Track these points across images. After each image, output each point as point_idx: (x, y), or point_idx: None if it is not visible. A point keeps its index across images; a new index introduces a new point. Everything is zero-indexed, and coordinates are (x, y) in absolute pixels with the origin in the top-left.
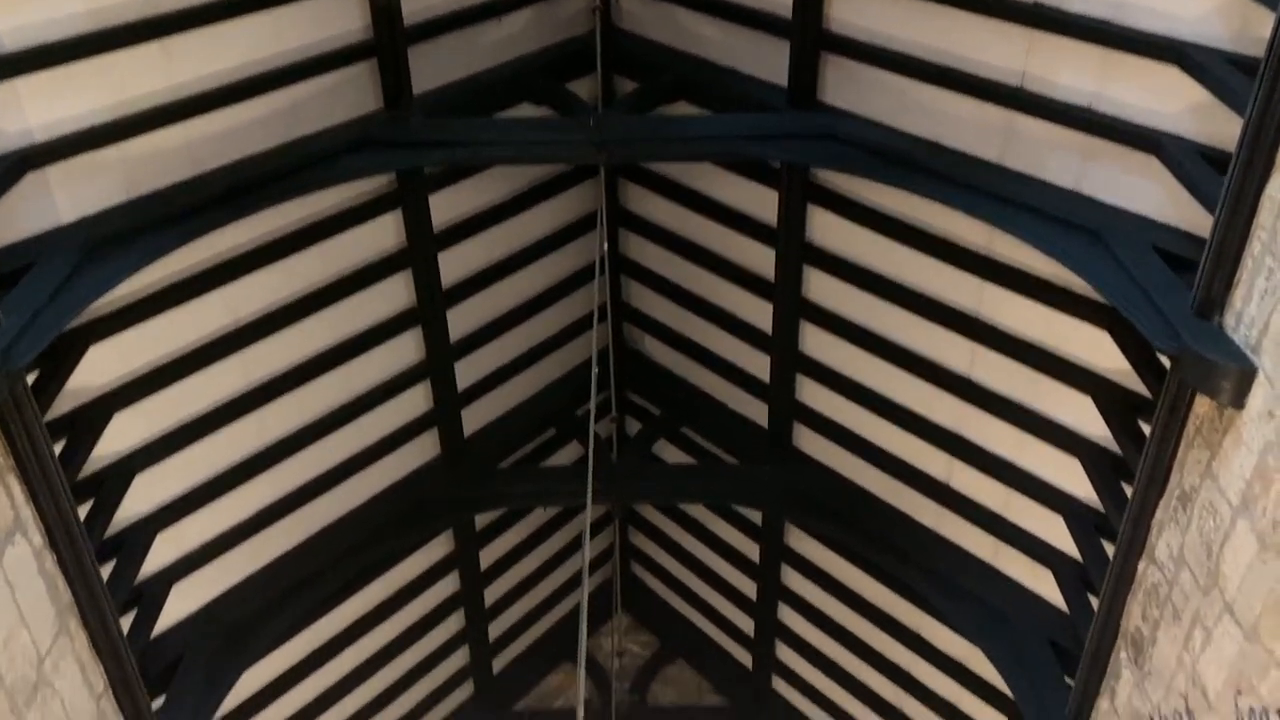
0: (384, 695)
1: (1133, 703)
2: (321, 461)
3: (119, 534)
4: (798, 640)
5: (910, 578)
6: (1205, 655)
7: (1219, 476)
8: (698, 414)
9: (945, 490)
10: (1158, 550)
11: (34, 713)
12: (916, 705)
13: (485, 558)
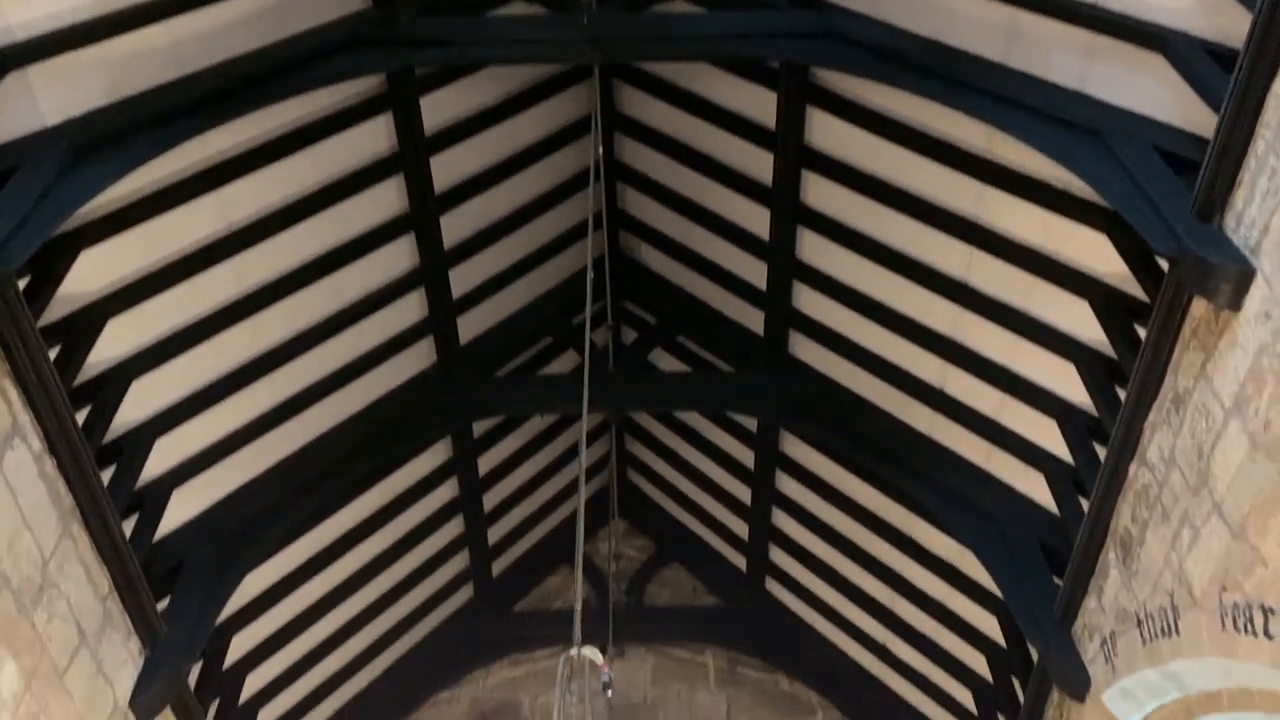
0: (385, 597)
1: (1119, 600)
2: (318, 368)
3: (118, 439)
4: (791, 543)
5: (903, 482)
6: (1192, 554)
7: (1213, 379)
8: (694, 322)
9: (939, 395)
10: (1149, 452)
11: (41, 613)
12: (907, 606)
13: (483, 464)
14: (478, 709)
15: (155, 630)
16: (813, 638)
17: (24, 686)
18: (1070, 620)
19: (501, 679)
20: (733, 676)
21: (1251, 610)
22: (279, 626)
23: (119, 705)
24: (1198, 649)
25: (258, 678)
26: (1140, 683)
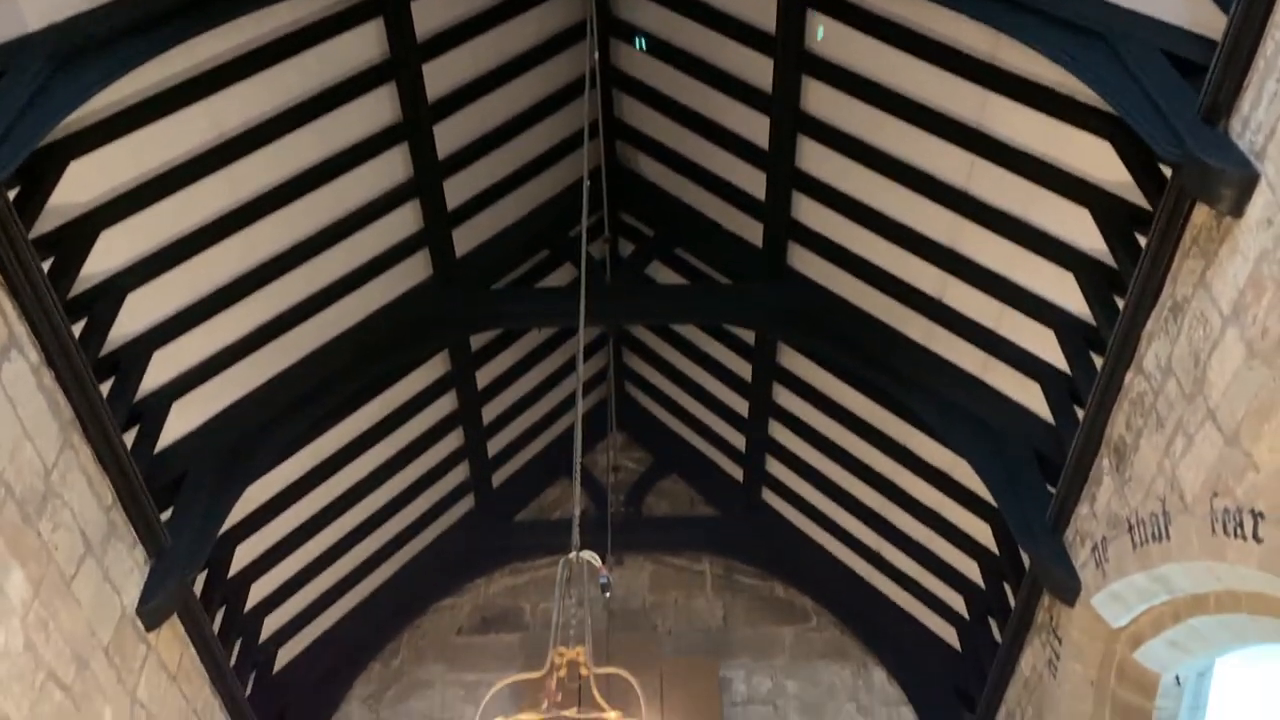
0: (387, 508)
1: (1111, 507)
2: (314, 281)
3: (115, 352)
4: (787, 454)
5: (899, 393)
6: (1185, 460)
7: (1212, 286)
8: (692, 234)
9: (938, 306)
10: (1146, 361)
11: (46, 522)
12: (901, 514)
13: (482, 377)
14: (480, 615)
15: (159, 540)
16: (808, 546)
17: (32, 594)
18: (1062, 527)
19: (503, 586)
20: (729, 583)
21: (1242, 515)
22: (282, 536)
23: (126, 612)
24: (1187, 553)
25: (262, 586)
26: (1129, 586)
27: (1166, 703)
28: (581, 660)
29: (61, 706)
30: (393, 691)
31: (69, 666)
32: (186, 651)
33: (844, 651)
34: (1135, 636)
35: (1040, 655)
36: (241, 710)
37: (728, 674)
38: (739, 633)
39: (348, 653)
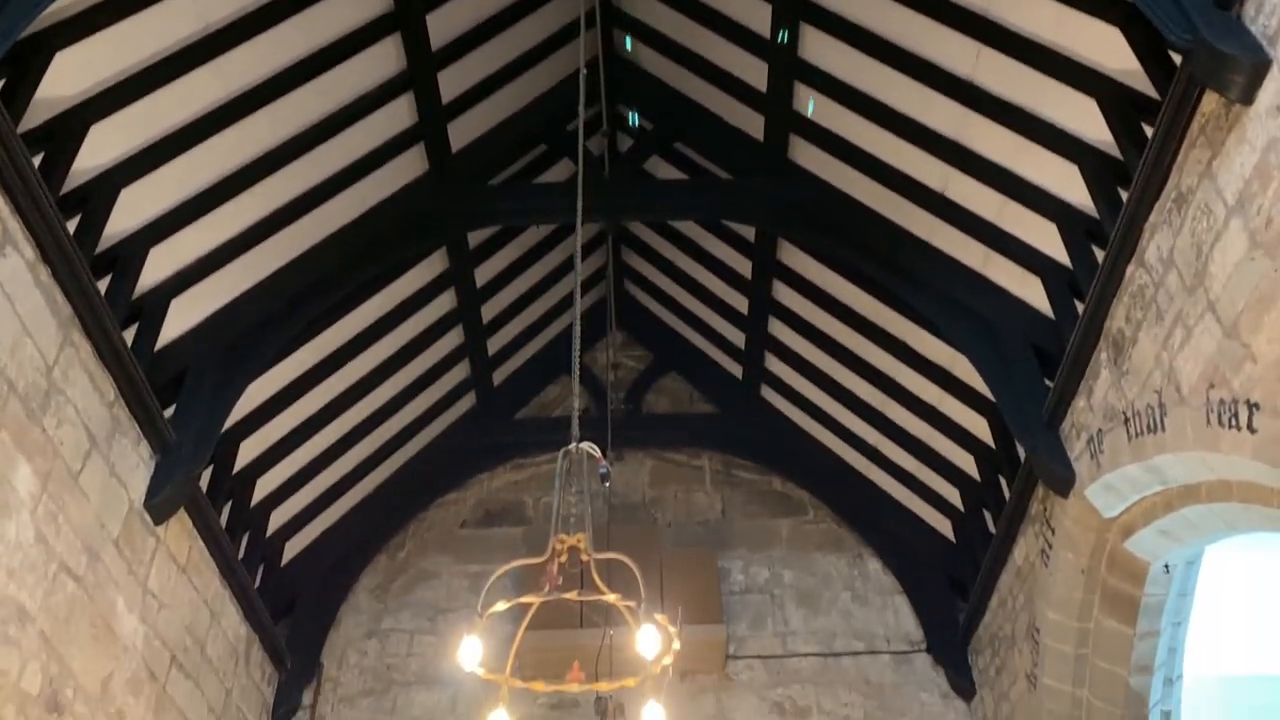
0: (389, 405)
1: (1108, 399)
2: (309, 176)
3: (112, 249)
4: (786, 351)
5: (900, 288)
6: (1183, 353)
7: (1218, 176)
8: (692, 128)
9: (940, 200)
10: (1147, 253)
11: (50, 418)
12: (899, 409)
13: (480, 275)
14: (483, 509)
15: (164, 436)
16: (806, 441)
17: (40, 487)
18: (1059, 420)
19: (505, 481)
20: (728, 478)
21: (1237, 406)
22: (285, 433)
23: (134, 506)
24: (1182, 444)
25: (267, 481)
26: (1123, 477)
27: (1155, 590)
28: (582, 546)
29: (74, 596)
30: (399, 582)
31: (80, 558)
32: (195, 544)
33: (840, 543)
34: (1127, 526)
35: (1033, 545)
36: (251, 601)
37: (726, 564)
38: (737, 525)
39: (354, 546)
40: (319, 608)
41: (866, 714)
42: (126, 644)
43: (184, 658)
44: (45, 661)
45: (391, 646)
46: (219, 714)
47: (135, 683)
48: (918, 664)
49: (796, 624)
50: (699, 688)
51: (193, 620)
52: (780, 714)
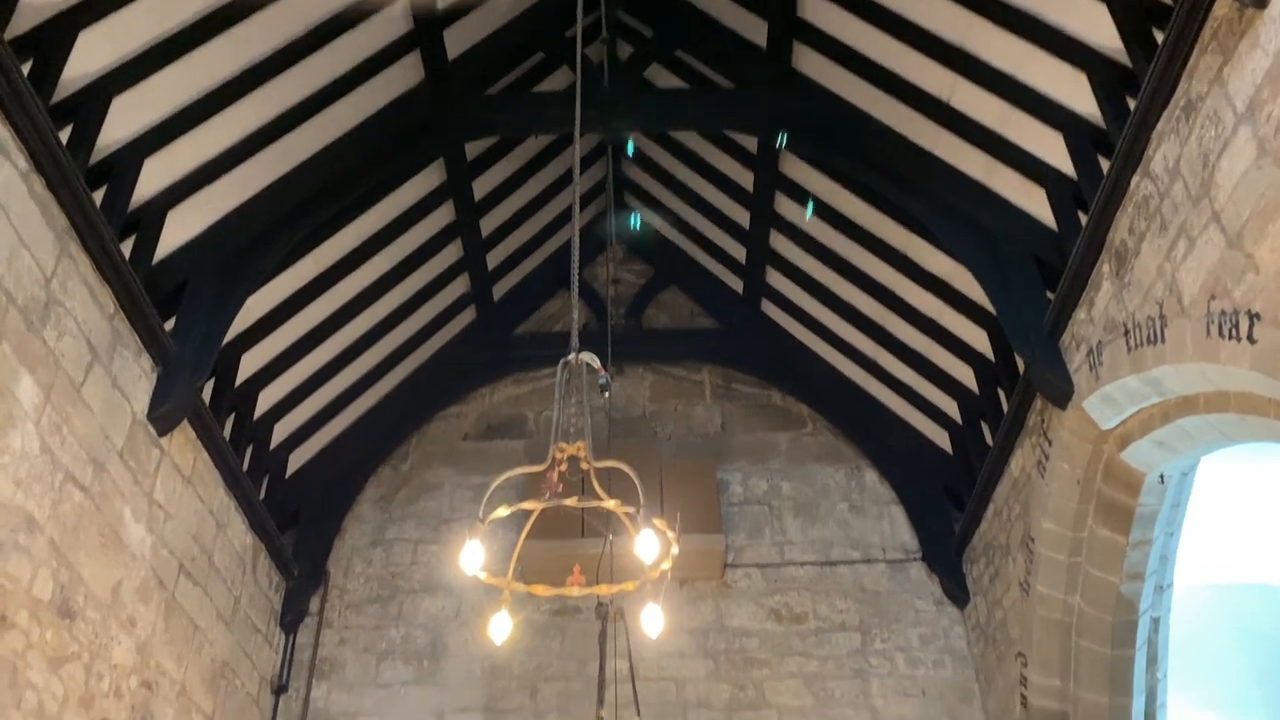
0: (390, 319)
1: (1109, 311)
2: (304, 85)
3: (106, 159)
4: (787, 265)
5: (903, 200)
6: (1186, 264)
7: (1228, 83)
8: (693, 35)
9: (945, 109)
10: (1153, 163)
11: (50, 330)
12: (899, 323)
13: (479, 188)
14: (485, 423)
15: (165, 348)
16: (806, 355)
17: (44, 399)
18: (1059, 332)
19: (506, 395)
20: (728, 392)
21: (1238, 316)
22: (287, 346)
23: (137, 418)
24: (1181, 356)
25: (270, 394)
26: (1121, 389)
27: (1149, 500)
28: (582, 454)
29: (82, 506)
30: (403, 493)
31: (86, 468)
32: (199, 456)
33: (838, 455)
34: (1123, 437)
35: (1029, 456)
36: (257, 511)
37: (725, 476)
38: (736, 438)
39: (357, 458)
40: (324, 518)
41: (862, 620)
42: (135, 553)
43: (192, 566)
44: (56, 569)
45: (396, 555)
46: (228, 620)
47: (145, 590)
48: (913, 572)
49: (794, 534)
50: (698, 594)
51: (199, 530)
52: (777, 620)
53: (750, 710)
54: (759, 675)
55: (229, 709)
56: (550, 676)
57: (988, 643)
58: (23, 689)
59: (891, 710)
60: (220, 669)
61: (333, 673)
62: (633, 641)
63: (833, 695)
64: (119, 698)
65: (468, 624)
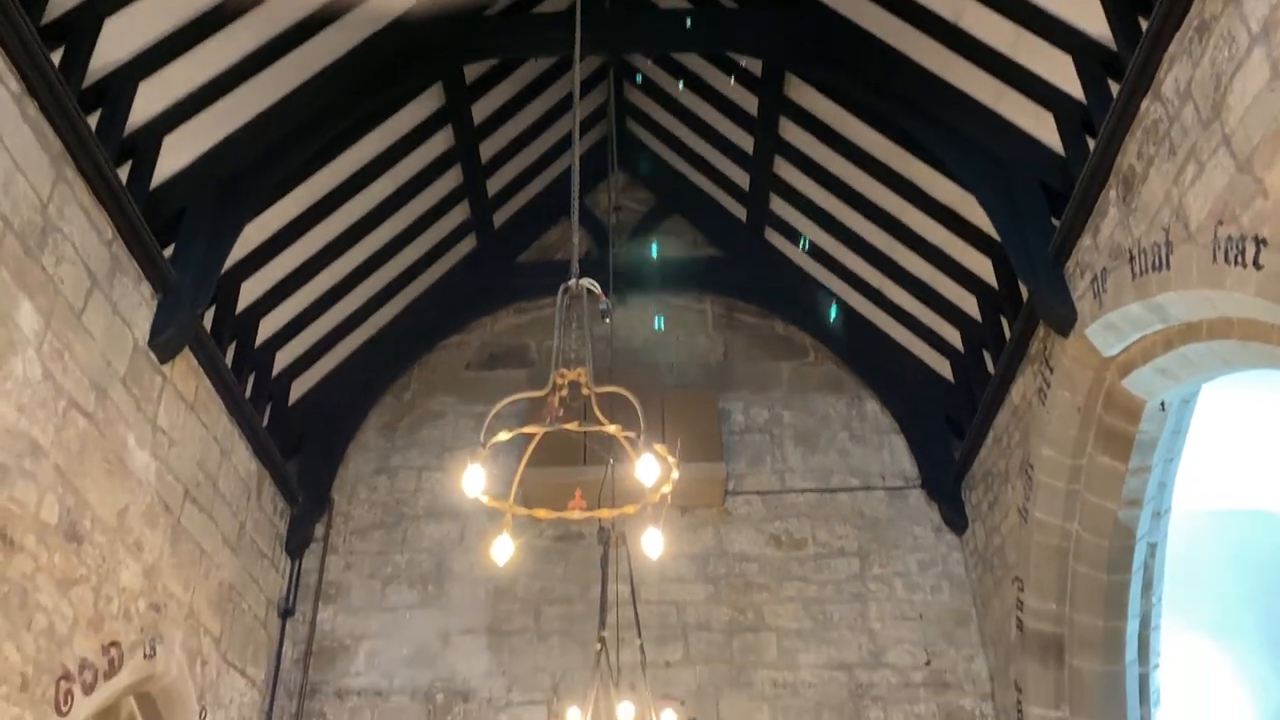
0: (390, 246)
1: (1114, 238)
2: (300, 7)
3: (100, 82)
4: (792, 192)
5: (910, 125)
6: (1194, 189)
7: (1243, 2)
8: None
9: (954, 31)
10: (1164, 86)
11: (49, 255)
12: (904, 251)
13: (478, 112)
14: (487, 352)
15: (164, 275)
16: (809, 284)
17: (44, 325)
18: (1064, 259)
19: (508, 325)
20: (730, 322)
21: (1244, 242)
22: (287, 273)
23: (139, 344)
24: (1186, 282)
25: (271, 322)
26: (1124, 316)
27: (1150, 427)
28: (583, 380)
29: (86, 432)
30: (406, 421)
31: (89, 395)
32: (202, 383)
33: (839, 384)
34: (1125, 365)
35: (1031, 385)
36: (260, 438)
37: (726, 406)
38: (738, 368)
39: (360, 386)
40: (327, 446)
41: (860, 545)
42: (140, 478)
43: (197, 492)
44: (62, 494)
45: (400, 483)
46: (234, 545)
47: (151, 515)
48: (912, 499)
49: (795, 462)
50: (699, 521)
51: (203, 456)
52: (777, 545)
53: (749, 633)
54: (758, 599)
55: (236, 631)
56: (553, 600)
57: (985, 568)
58: (33, 610)
59: (889, 633)
60: (227, 592)
61: (339, 596)
62: (634, 566)
63: (831, 619)
64: (128, 620)
65: (471, 549)
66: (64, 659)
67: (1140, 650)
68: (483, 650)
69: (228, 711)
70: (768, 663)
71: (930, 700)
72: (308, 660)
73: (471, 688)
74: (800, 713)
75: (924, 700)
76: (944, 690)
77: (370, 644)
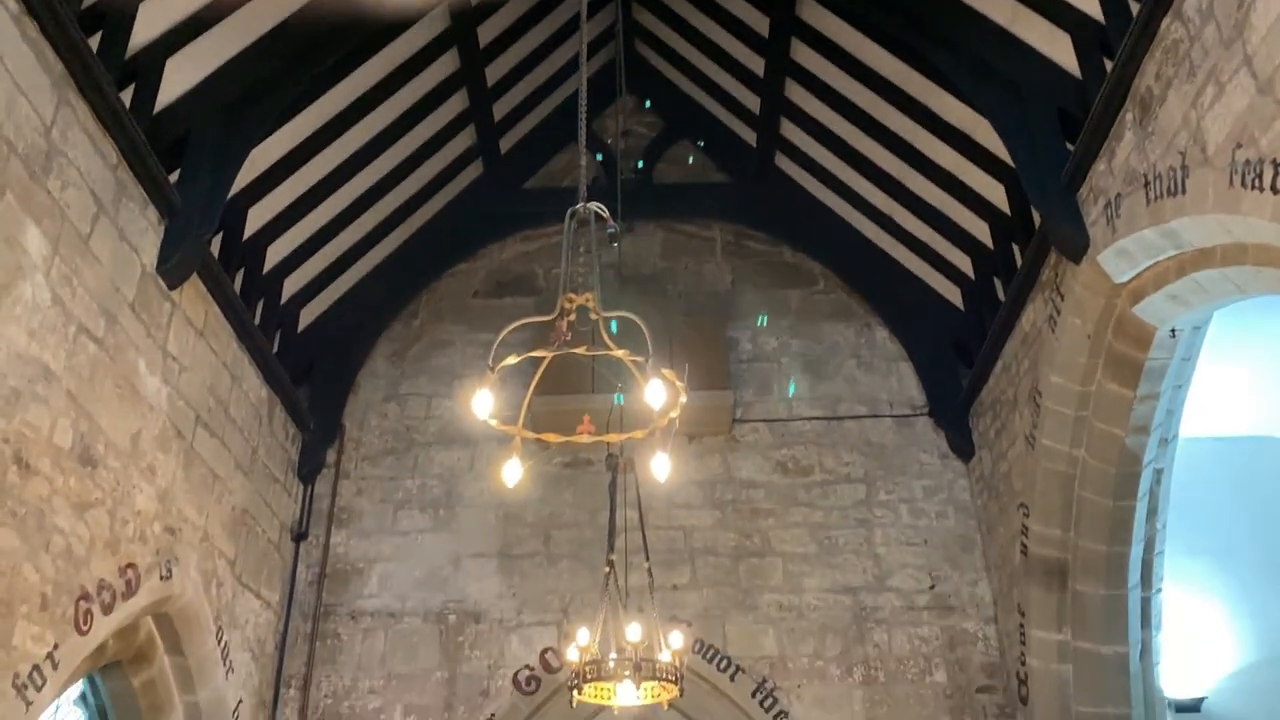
0: (396, 171)
1: (1130, 163)
2: None
3: (100, 3)
4: (803, 116)
5: (925, 48)
6: (1213, 111)
7: None
8: None
9: None
10: (1186, 4)
11: (54, 180)
12: (916, 177)
13: (483, 35)
14: (494, 279)
15: (170, 200)
16: (819, 211)
17: (52, 250)
18: (1078, 185)
19: (515, 252)
20: (739, 249)
21: (1262, 165)
22: (293, 199)
23: (147, 270)
24: (1201, 206)
25: (278, 249)
26: (1138, 242)
27: (1159, 354)
28: (591, 305)
29: (96, 358)
30: (414, 349)
31: (98, 320)
32: (210, 309)
33: (848, 312)
34: (1137, 291)
35: (1041, 312)
36: (270, 364)
37: (735, 334)
38: (747, 296)
39: (368, 314)
40: (337, 373)
41: (867, 472)
42: (151, 403)
43: (209, 417)
44: (75, 419)
45: (410, 410)
46: (246, 470)
47: (163, 439)
48: (919, 427)
49: (802, 390)
50: (706, 449)
51: (214, 382)
52: (784, 472)
53: (755, 557)
54: (765, 524)
55: (250, 554)
56: (562, 524)
57: (991, 494)
58: (50, 533)
59: (894, 558)
60: (240, 516)
61: (351, 521)
62: (642, 492)
63: (836, 543)
64: (143, 542)
65: (482, 476)
66: (82, 580)
67: (1143, 575)
68: (493, 573)
69: (243, 632)
70: (773, 586)
71: (933, 623)
72: (321, 582)
73: (483, 609)
74: (805, 634)
75: (927, 623)
76: (947, 614)
77: (383, 567)
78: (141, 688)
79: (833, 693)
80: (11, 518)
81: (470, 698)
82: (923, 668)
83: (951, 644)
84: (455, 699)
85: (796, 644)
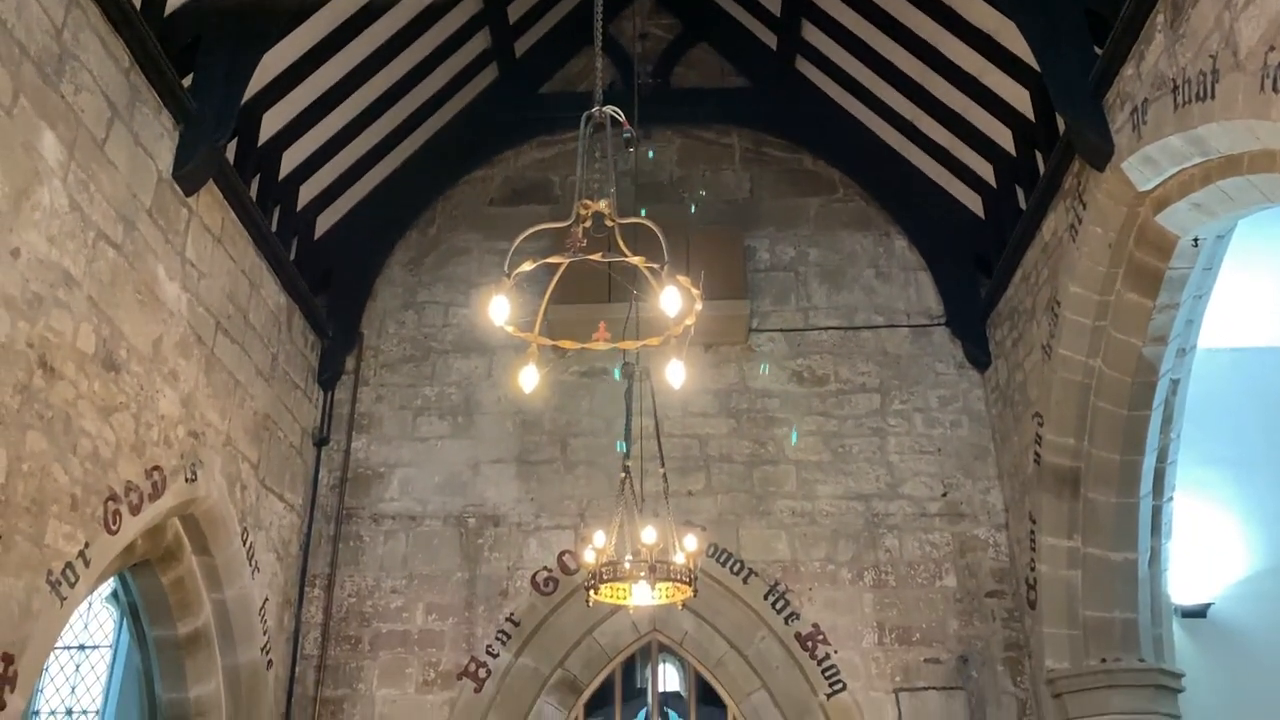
0: (410, 76)
1: (1158, 67)
2: None
3: None
4: (825, 18)
5: None
6: (1246, 12)
7: None
8: None
9: None
10: None
11: (67, 84)
12: (939, 81)
13: None
14: (510, 187)
15: (184, 105)
16: (840, 117)
17: (67, 155)
18: (1104, 90)
19: (531, 159)
20: (757, 156)
21: None
22: (308, 104)
23: (163, 176)
24: (1231, 112)
25: (293, 155)
26: (1163, 149)
27: (1181, 263)
28: (607, 211)
29: (116, 264)
30: (431, 257)
31: (116, 226)
32: (227, 216)
33: (867, 221)
34: (1160, 200)
35: (1063, 220)
36: (288, 271)
37: (752, 243)
38: (765, 204)
39: (385, 221)
40: (355, 280)
41: (882, 382)
42: (171, 309)
43: (228, 324)
44: (96, 324)
45: (427, 318)
46: (267, 376)
47: (184, 345)
48: (936, 337)
49: (819, 300)
50: (722, 358)
51: (233, 289)
52: (799, 382)
53: (769, 465)
54: (779, 433)
55: (273, 458)
56: (579, 432)
57: (1005, 404)
58: (77, 435)
59: (907, 466)
60: (263, 421)
61: (371, 427)
62: (658, 401)
63: (850, 452)
64: (168, 446)
65: (499, 383)
66: (110, 481)
67: (1155, 483)
68: (512, 479)
69: (268, 533)
70: (787, 493)
71: (945, 530)
72: (343, 486)
73: (502, 513)
74: (817, 539)
75: (938, 530)
76: (959, 520)
77: (403, 472)
78: (170, 585)
79: (843, 595)
80: (39, 420)
81: (490, 597)
82: (933, 572)
83: (962, 550)
84: (475, 599)
85: (809, 549)
